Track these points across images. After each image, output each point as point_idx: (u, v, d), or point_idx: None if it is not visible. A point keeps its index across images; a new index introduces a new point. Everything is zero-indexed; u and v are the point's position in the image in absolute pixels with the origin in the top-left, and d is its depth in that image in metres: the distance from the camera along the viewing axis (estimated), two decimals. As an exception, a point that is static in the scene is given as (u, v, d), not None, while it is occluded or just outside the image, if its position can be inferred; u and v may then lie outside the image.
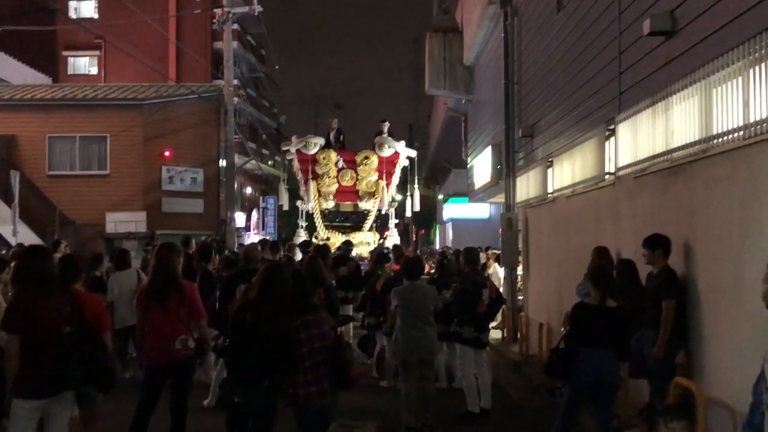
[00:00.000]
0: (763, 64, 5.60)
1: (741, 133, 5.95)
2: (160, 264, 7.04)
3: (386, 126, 22.04)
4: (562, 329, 7.38)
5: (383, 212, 22.20)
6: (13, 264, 8.36)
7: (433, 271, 11.02)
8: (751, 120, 5.76)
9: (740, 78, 5.94)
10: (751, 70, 5.75)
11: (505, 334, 15.36)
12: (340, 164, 21.47)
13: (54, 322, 5.50)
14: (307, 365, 5.67)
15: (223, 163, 27.70)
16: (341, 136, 22.52)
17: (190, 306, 7.09)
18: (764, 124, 5.60)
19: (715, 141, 6.45)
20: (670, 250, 7.43)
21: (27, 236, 21.30)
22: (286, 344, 5.64)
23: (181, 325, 6.98)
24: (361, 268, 14.34)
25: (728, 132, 6.18)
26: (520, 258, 15.63)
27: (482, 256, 14.18)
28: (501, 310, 14.24)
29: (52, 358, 5.47)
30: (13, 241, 19.06)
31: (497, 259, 16.08)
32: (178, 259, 7.25)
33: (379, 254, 12.50)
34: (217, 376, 9.23)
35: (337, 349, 5.83)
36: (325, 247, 12.06)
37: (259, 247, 13.11)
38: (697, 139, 6.82)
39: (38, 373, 5.48)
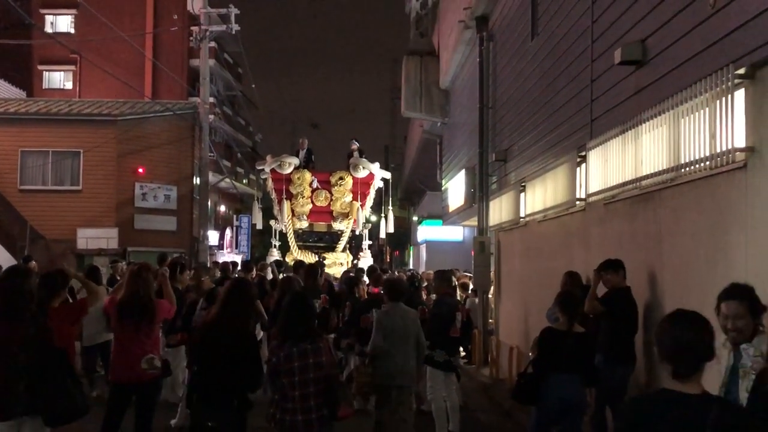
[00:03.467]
0: (728, 96, 5.70)
1: (708, 162, 6.04)
2: (134, 283, 7.02)
3: (355, 144, 22.06)
4: (530, 354, 7.42)
5: (357, 233, 22.21)
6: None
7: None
8: (717, 150, 5.86)
9: (707, 109, 6.04)
10: (718, 102, 5.85)
11: (475, 358, 15.38)
12: (315, 184, 21.47)
13: (8, 350, 5.40)
14: (296, 394, 5.42)
15: (197, 180, 27.64)
16: (311, 156, 22.49)
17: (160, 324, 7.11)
18: (729, 155, 5.70)
19: (683, 170, 6.53)
20: (616, 271, 7.63)
21: (-3, 251, 21.07)
22: (250, 360, 5.58)
23: (149, 345, 6.97)
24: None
25: (695, 161, 6.26)
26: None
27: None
28: (471, 334, 14.28)
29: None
30: (-18, 256, 18.87)
31: (462, 286, 15.98)
32: (152, 279, 7.25)
33: (348, 279, 12.41)
34: (184, 395, 9.14)
35: (329, 385, 5.55)
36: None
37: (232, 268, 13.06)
38: (665, 167, 6.91)
39: None
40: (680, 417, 3.00)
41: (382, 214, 24.15)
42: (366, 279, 13.94)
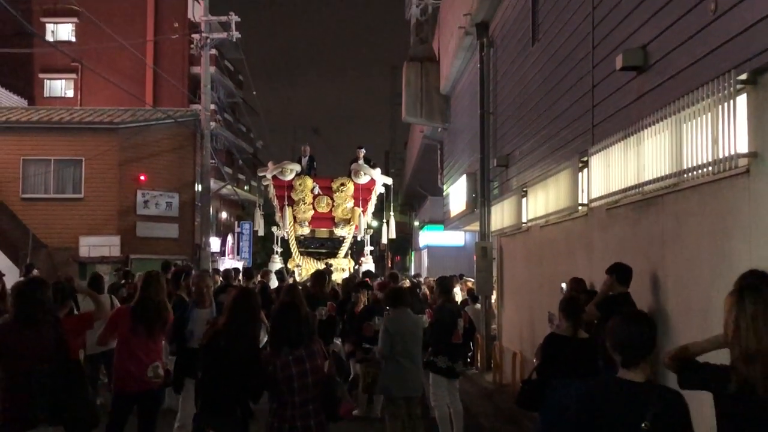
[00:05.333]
0: (731, 102, 5.71)
1: (710, 168, 6.04)
2: (149, 290, 7.04)
3: (362, 152, 22.10)
4: (534, 360, 7.41)
5: (359, 239, 22.22)
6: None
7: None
8: (720, 156, 5.86)
9: (709, 114, 6.04)
10: (720, 107, 5.85)
11: (479, 364, 15.37)
12: (316, 191, 21.49)
13: (28, 358, 5.42)
14: (295, 401, 5.43)
15: (198, 187, 27.64)
16: (314, 163, 22.52)
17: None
18: (732, 161, 5.70)
19: (686, 175, 6.53)
20: (610, 274, 7.57)
21: (-1, 260, 21.07)
22: (254, 370, 5.58)
23: (156, 353, 7.00)
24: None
25: (698, 167, 6.26)
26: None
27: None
28: (475, 339, 14.29)
29: (22, 394, 5.41)
30: (-16, 265, 18.83)
31: (469, 293, 15.96)
32: (165, 284, 7.30)
33: (359, 283, 12.37)
34: (183, 402, 9.08)
35: (328, 385, 5.60)
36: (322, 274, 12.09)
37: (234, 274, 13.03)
38: (667, 173, 6.90)
39: (10, 407, 5.43)
40: (624, 400, 3.54)
41: (384, 220, 24.14)
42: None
